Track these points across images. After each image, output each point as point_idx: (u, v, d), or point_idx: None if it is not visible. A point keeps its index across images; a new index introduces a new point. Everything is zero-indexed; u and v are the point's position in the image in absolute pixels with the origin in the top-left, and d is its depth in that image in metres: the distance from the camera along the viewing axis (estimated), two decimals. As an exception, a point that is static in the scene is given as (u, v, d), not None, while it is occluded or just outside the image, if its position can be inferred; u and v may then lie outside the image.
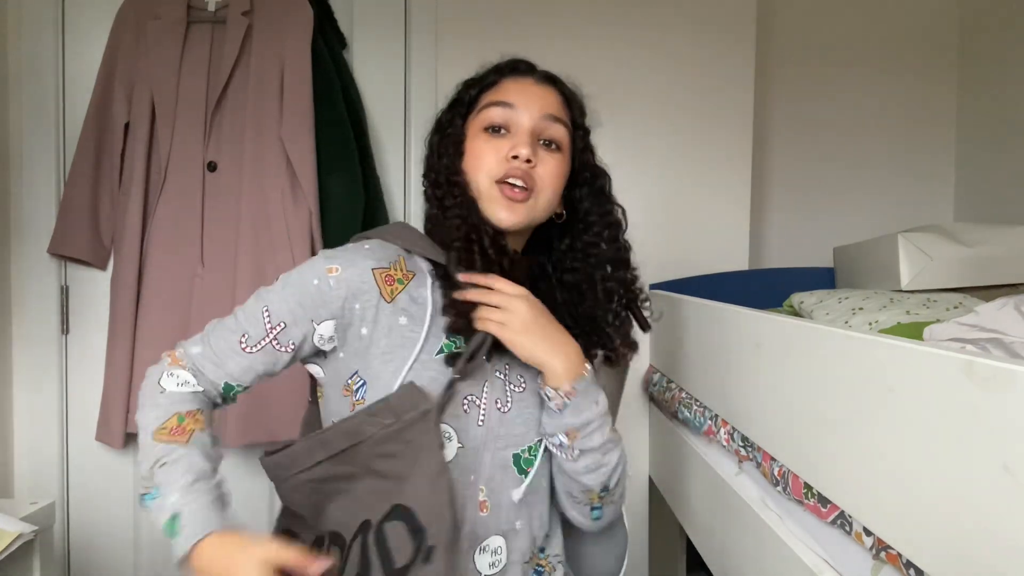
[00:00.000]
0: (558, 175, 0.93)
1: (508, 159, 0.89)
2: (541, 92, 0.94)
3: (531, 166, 0.90)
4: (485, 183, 0.90)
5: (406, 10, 1.95)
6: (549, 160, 0.92)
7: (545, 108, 0.92)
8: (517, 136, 0.91)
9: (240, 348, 0.89)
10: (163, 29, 1.77)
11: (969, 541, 0.54)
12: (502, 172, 0.90)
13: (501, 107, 0.91)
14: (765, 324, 0.98)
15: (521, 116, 0.91)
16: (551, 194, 0.93)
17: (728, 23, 2.01)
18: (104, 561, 1.91)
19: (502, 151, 0.90)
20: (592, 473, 0.90)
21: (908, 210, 2.33)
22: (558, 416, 0.88)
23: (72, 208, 1.78)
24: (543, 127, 0.92)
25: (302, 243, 1.75)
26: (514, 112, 0.91)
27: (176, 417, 0.84)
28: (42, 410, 1.86)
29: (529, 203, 0.91)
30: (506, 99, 0.92)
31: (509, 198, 0.90)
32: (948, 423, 0.56)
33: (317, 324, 0.88)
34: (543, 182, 0.91)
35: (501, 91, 0.94)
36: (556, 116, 0.93)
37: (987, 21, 2.22)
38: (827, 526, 0.81)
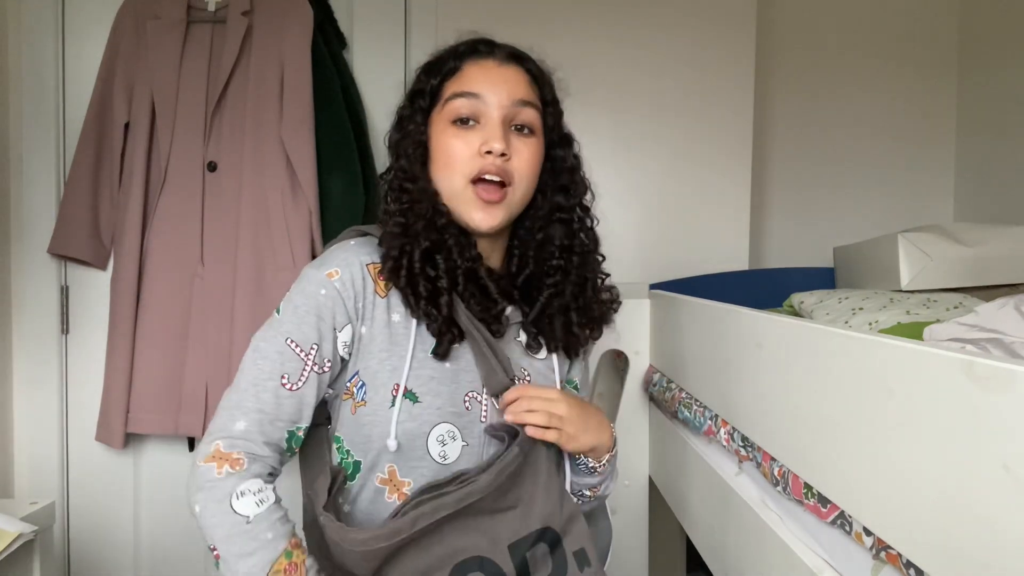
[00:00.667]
0: (534, 162, 0.88)
1: (481, 154, 0.84)
2: (507, 74, 0.87)
3: (506, 159, 0.85)
4: (459, 184, 0.86)
5: (406, 10, 1.95)
6: (523, 148, 0.87)
7: (514, 93, 0.86)
8: (488, 127, 0.85)
9: (286, 390, 0.82)
10: (163, 29, 1.77)
11: (969, 541, 0.54)
12: (476, 169, 0.85)
13: (467, 98, 0.85)
14: (765, 324, 0.98)
15: (489, 105, 0.85)
16: (528, 184, 0.89)
17: (728, 23, 2.01)
18: (104, 561, 1.91)
19: (473, 145, 0.84)
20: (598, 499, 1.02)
21: (908, 210, 2.33)
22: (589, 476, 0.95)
23: (72, 208, 1.78)
24: (514, 113, 0.86)
25: (302, 243, 1.75)
26: (481, 102, 0.85)
27: (284, 555, 0.76)
28: (42, 410, 1.86)
29: (506, 201, 0.86)
30: (471, 88, 0.85)
31: (485, 200, 0.85)
32: (948, 423, 0.56)
33: (339, 332, 0.85)
34: (520, 174, 0.87)
35: (464, 79, 0.87)
36: (526, 100, 0.87)
37: (987, 21, 2.22)
38: (827, 526, 0.81)
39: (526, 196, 0.90)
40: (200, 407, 1.73)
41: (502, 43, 0.91)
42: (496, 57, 0.88)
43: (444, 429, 0.85)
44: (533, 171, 0.88)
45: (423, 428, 0.84)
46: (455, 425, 0.85)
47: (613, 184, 2.00)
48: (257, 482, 0.78)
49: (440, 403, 0.85)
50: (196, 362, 1.74)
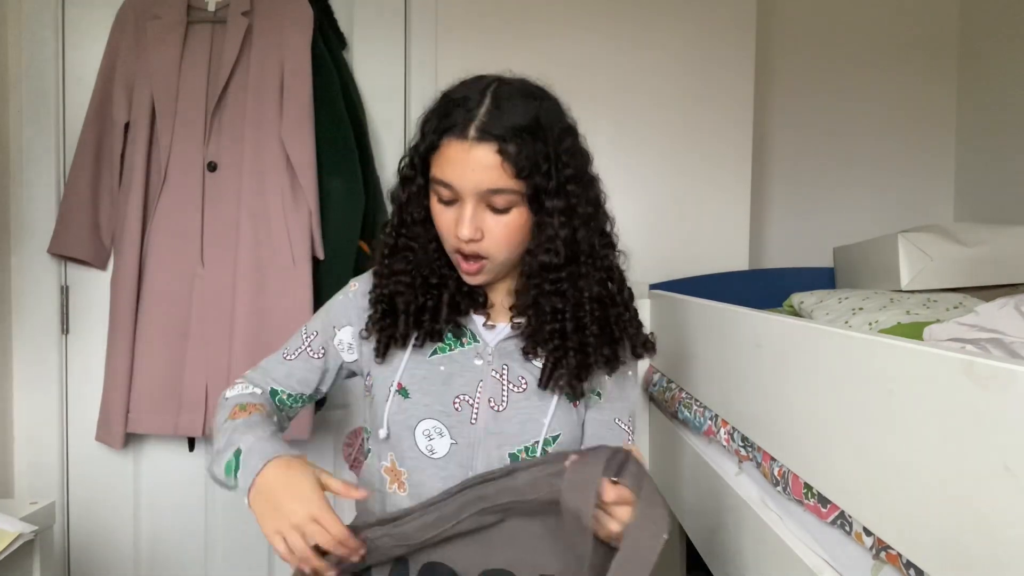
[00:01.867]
0: (509, 236, 0.90)
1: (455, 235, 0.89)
2: (476, 161, 0.85)
3: (478, 242, 0.89)
4: (448, 249, 0.93)
5: (406, 10, 1.95)
6: (496, 226, 0.89)
7: (482, 184, 0.86)
8: (462, 210, 0.88)
9: (282, 358, 1.02)
10: (163, 29, 1.77)
11: (969, 541, 0.54)
12: (454, 246, 0.91)
13: (443, 186, 0.88)
14: (765, 324, 0.98)
15: (462, 192, 0.87)
16: (507, 253, 0.91)
17: (728, 23, 2.01)
18: (104, 561, 1.91)
19: (452, 223, 0.89)
20: None
21: (908, 210, 2.33)
22: None
23: (72, 208, 1.78)
24: (486, 199, 0.88)
25: (302, 243, 1.75)
26: (455, 189, 0.88)
27: (237, 407, 0.93)
28: (42, 410, 1.86)
29: (485, 269, 0.92)
30: (445, 178, 0.87)
31: (465, 271, 0.93)
32: (948, 423, 0.56)
33: (338, 330, 1.01)
34: (495, 248, 0.90)
35: (441, 162, 0.88)
36: (494, 189, 0.86)
37: (987, 21, 2.22)
38: (827, 526, 0.81)
39: (508, 259, 0.93)
40: (200, 407, 1.73)
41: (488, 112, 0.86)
42: (468, 137, 0.85)
43: (430, 424, 0.93)
44: (509, 242, 0.90)
45: (410, 421, 0.94)
46: (442, 423, 0.93)
47: (613, 184, 1.99)
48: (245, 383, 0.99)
49: (428, 401, 0.94)
50: (196, 362, 1.74)
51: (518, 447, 0.93)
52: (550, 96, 0.94)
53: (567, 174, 0.90)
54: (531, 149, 0.86)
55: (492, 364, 0.95)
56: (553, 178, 0.88)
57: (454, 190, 0.88)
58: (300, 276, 1.75)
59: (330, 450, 1.95)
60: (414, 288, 0.94)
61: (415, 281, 0.94)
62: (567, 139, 0.91)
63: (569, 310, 0.92)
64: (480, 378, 0.94)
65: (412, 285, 0.94)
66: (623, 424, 1.01)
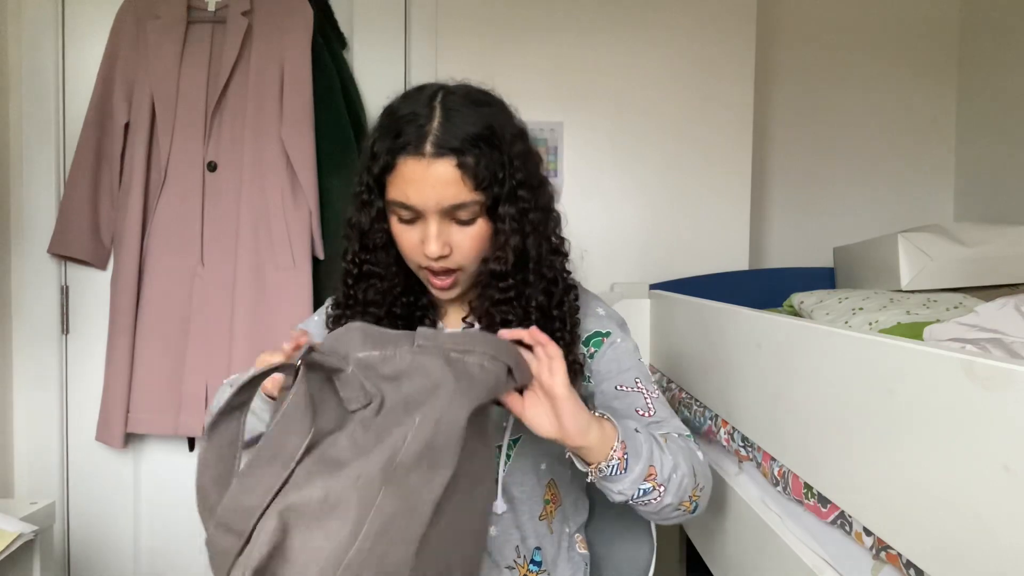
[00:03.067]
0: (477, 245, 0.89)
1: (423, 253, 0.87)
2: (435, 177, 0.83)
3: (446, 257, 0.87)
4: (413, 267, 0.92)
5: (406, 10, 1.95)
6: (463, 238, 0.87)
7: (444, 200, 0.84)
8: (426, 228, 0.86)
9: None
10: (163, 29, 1.77)
11: (969, 541, 0.54)
12: (421, 263, 0.89)
13: (403, 208, 0.86)
14: (765, 324, 0.98)
15: (426, 210, 0.85)
16: (478, 261, 0.90)
17: (729, 22, 2.01)
18: (104, 561, 1.91)
19: (416, 241, 0.88)
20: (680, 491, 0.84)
21: (908, 210, 2.33)
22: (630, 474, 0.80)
23: (72, 208, 1.78)
24: (449, 214, 0.86)
25: (302, 243, 1.75)
26: (417, 209, 0.86)
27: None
28: (42, 410, 1.86)
29: (458, 280, 0.91)
30: (404, 199, 0.85)
31: (437, 287, 0.91)
32: (948, 423, 0.56)
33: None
34: (465, 259, 0.89)
35: (398, 182, 0.85)
36: (457, 204, 0.85)
37: (987, 21, 2.22)
38: (827, 526, 0.81)
39: (480, 268, 0.92)
40: (200, 407, 1.73)
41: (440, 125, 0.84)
42: (425, 153, 0.83)
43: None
44: (478, 252, 0.89)
45: None
46: None
47: (613, 184, 2.01)
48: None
49: None
50: (196, 362, 1.74)
51: None
52: (497, 100, 0.92)
53: (518, 178, 0.88)
54: (488, 158, 0.85)
55: None
56: (507, 184, 0.87)
57: (415, 210, 0.86)
58: (300, 276, 1.75)
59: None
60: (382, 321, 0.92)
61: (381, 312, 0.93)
62: (518, 143, 0.89)
63: (515, 320, 0.90)
64: None
65: (380, 318, 0.93)
66: (627, 388, 0.94)
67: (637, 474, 0.80)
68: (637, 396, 0.94)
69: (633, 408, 0.93)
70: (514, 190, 0.88)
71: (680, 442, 0.88)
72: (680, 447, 0.87)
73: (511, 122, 0.91)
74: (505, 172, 0.87)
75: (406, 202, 0.85)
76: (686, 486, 0.84)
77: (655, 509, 0.83)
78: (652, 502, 0.82)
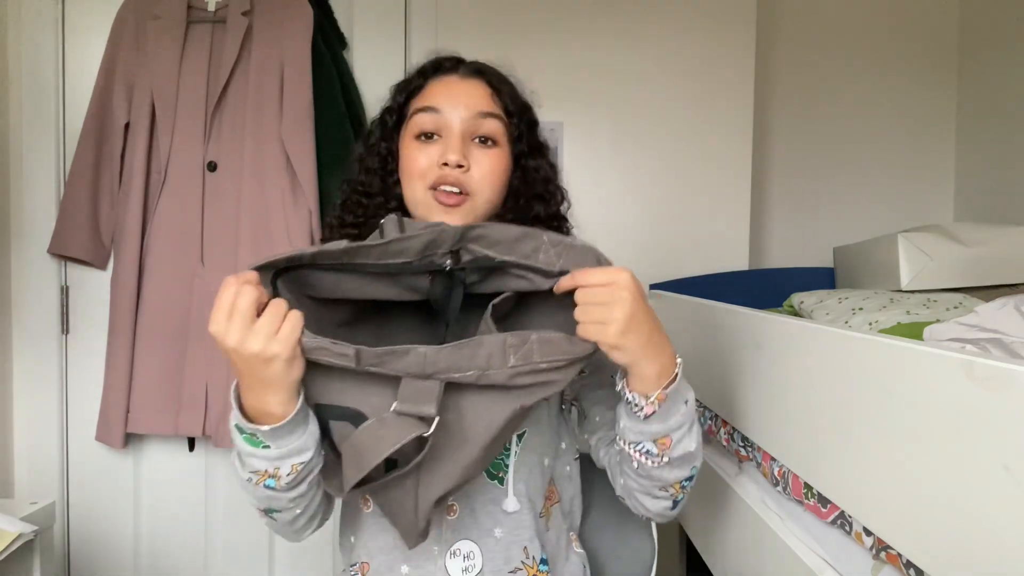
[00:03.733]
0: (495, 172, 0.89)
1: (440, 165, 0.87)
2: (468, 88, 0.89)
3: (464, 170, 0.87)
4: (420, 191, 0.89)
5: (406, 10, 1.95)
6: (484, 159, 0.88)
7: (473, 106, 0.88)
8: (448, 140, 0.87)
9: None
10: (163, 29, 1.77)
11: (969, 541, 0.54)
12: (434, 178, 0.87)
13: (428, 112, 0.87)
14: (765, 324, 0.98)
15: (450, 118, 0.87)
16: (490, 193, 0.90)
17: (728, 23, 2.01)
18: (104, 561, 1.91)
19: (433, 157, 0.87)
20: (680, 469, 0.80)
21: (908, 210, 2.33)
22: (644, 423, 0.76)
23: (72, 208, 1.78)
24: (475, 126, 0.88)
25: (302, 243, 1.75)
26: (442, 116, 0.87)
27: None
28: (42, 410, 1.86)
29: (466, 206, 0.88)
30: (432, 103, 0.88)
31: (445, 204, 0.88)
32: (948, 423, 0.56)
33: None
34: (480, 184, 0.88)
35: (427, 95, 0.90)
36: (486, 111, 0.88)
37: (987, 21, 2.22)
38: (827, 526, 0.81)
39: (491, 203, 0.91)
40: (200, 407, 1.73)
41: (469, 60, 0.93)
42: (459, 72, 0.90)
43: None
44: (495, 180, 0.89)
45: None
46: None
47: (613, 184, 2.01)
48: None
49: None
50: (196, 362, 1.74)
51: None
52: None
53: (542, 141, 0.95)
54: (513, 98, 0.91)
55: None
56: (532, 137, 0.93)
57: (441, 116, 0.87)
58: (300, 276, 1.75)
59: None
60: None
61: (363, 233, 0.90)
62: (533, 113, 0.95)
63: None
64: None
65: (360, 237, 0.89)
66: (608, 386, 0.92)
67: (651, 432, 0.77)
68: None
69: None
70: (539, 148, 0.94)
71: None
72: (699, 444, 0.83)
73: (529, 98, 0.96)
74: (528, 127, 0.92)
75: (435, 106, 0.87)
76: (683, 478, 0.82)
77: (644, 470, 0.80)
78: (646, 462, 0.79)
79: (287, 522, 0.83)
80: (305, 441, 0.74)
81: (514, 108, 0.91)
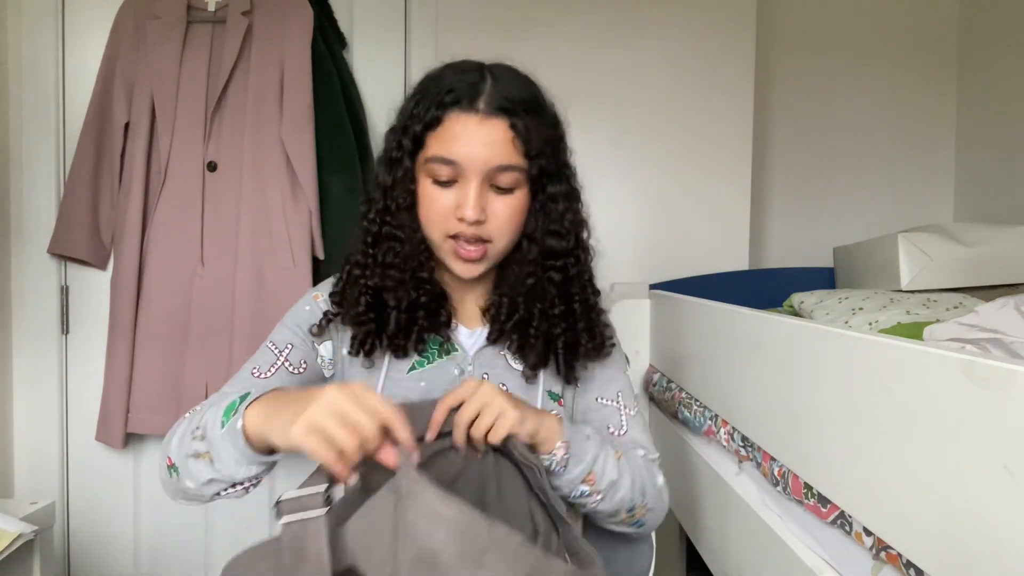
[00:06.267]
0: (514, 218, 0.86)
1: (457, 218, 0.84)
2: (487, 134, 0.81)
3: (481, 225, 0.84)
4: (438, 237, 0.87)
5: (406, 10, 1.95)
6: (502, 207, 0.84)
7: (491, 160, 0.82)
8: (465, 190, 0.82)
9: (255, 377, 0.88)
10: (163, 29, 1.77)
11: (969, 541, 0.54)
12: (452, 230, 0.85)
13: (445, 164, 0.82)
14: (765, 324, 0.98)
15: (467, 169, 0.82)
16: (510, 237, 0.87)
17: (728, 23, 2.01)
18: (104, 561, 1.91)
19: (450, 204, 0.83)
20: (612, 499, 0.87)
21: (908, 210, 2.33)
22: (568, 473, 0.83)
23: (72, 208, 1.78)
24: (492, 177, 0.83)
25: (302, 243, 1.75)
26: (459, 167, 0.82)
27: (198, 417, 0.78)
28: (42, 410, 1.86)
29: (486, 256, 0.87)
30: (448, 154, 0.82)
31: (464, 258, 0.86)
32: (948, 423, 0.56)
33: (318, 345, 0.92)
34: (498, 231, 0.85)
35: (444, 137, 0.82)
36: (505, 165, 0.82)
37: (987, 21, 2.22)
38: (827, 526, 0.81)
39: (509, 245, 0.89)
40: (200, 407, 1.73)
41: (493, 86, 0.83)
42: (479, 111, 0.81)
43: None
44: (513, 225, 0.87)
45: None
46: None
47: (613, 184, 2.01)
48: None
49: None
50: (196, 362, 1.74)
51: None
52: (538, 82, 0.91)
53: (564, 159, 0.89)
54: (537, 128, 0.84)
55: (473, 374, 0.92)
56: (554, 161, 0.87)
57: (458, 167, 0.82)
58: (300, 276, 1.75)
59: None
60: (405, 283, 0.87)
61: (405, 276, 0.87)
62: (559, 125, 0.90)
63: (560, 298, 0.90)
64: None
65: (403, 281, 0.87)
66: (606, 401, 0.97)
67: (576, 476, 0.83)
68: (613, 412, 0.97)
69: (606, 424, 0.96)
70: (562, 169, 0.88)
71: (640, 462, 0.92)
72: (637, 466, 0.90)
73: (552, 103, 0.91)
74: (553, 148, 0.87)
75: (450, 157, 0.82)
76: (627, 501, 0.88)
77: (590, 511, 0.88)
78: (588, 504, 0.86)
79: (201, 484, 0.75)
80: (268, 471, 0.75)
81: (537, 145, 0.84)
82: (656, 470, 0.95)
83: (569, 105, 0.96)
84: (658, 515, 0.94)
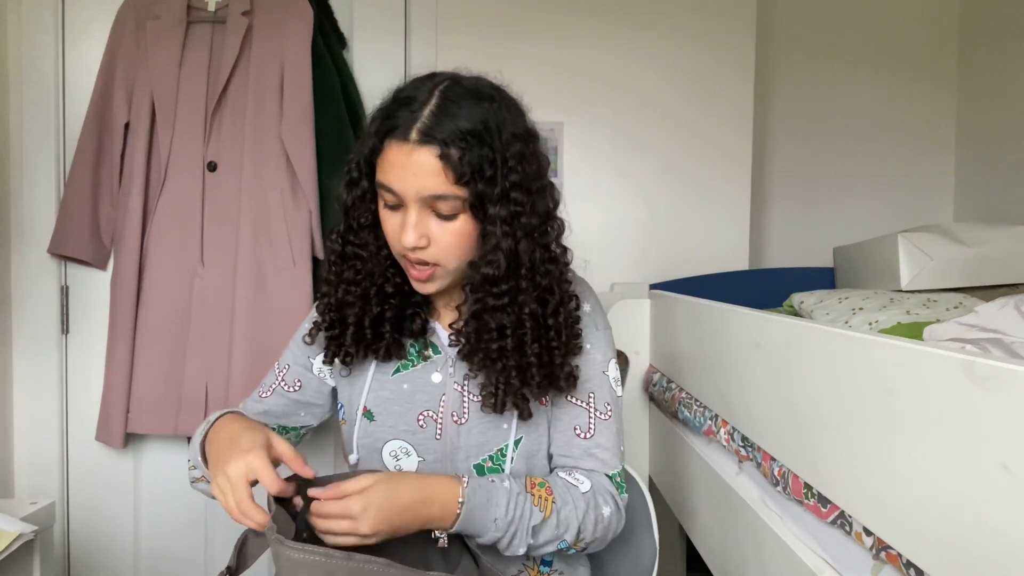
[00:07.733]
0: (457, 243, 0.85)
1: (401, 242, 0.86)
2: (418, 163, 0.81)
3: (423, 249, 0.85)
4: (396, 254, 0.89)
5: (406, 10, 1.95)
6: (442, 233, 0.84)
7: (423, 189, 0.82)
8: (406, 216, 0.84)
9: (258, 396, 1.02)
10: (163, 29, 1.77)
11: (969, 541, 0.54)
12: (401, 251, 0.87)
13: (387, 191, 0.84)
14: (765, 324, 0.98)
15: (404, 198, 0.83)
16: (457, 261, 0.87)
17: (728, 23, 2.01)
18: (104, 561, 1.91)
19: (396, 228, 0.86)
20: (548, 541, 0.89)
21: (908, 210, 2.33)
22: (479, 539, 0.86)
23: (72, 208, 1.78)
24: (430, 204, 0.83)
25: (302, 243, 1.75)
26: (399, 195, 0.84)
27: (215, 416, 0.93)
28: (42, 410, 1.86)
29: (436, 276, 0.88)
30: (388, 183, 0.84)
31: (416, 278, 0.88)
32: (948, 423, 0.56)
33: (312, 359, 1.01)
34: (444, 255, 0.86)
35: (384, 166, 0.84)
36: (436, 195, 0.82)
37: (987, 21, 2.22)
38: (827, 526, 0.81)
39: (461, 266, 0.88)
40: (200, 407, 1.73)
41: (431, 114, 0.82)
42: (410, 140, 0.81)
43: (396, 445, 0.94)
44: (459, 250, 0.86)
45: (377, 444, 0.94)
46: (408, 442, 0.94)
47: (613, 184, 2.01)
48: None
49: (393, 421, 0.94)
50: (196, 362, 1.74)
51: (481, 456, 0.93)
52: (505, 98, 0.88)
53: (512, 180, 0.84)
54: (475, 154, 0.81)
55: (454, 376, 0.94)
56: (498, 184, 0.83)
57: (397, 195, 0.83)
58: (300, 276, 1.75)
59: (330, 449, 1.95)
60: (367, 299, 0.91)
61: (368, 292, 0.91)
62: (516, 144, 0.85)
63: (510, 327, 0.87)
64: (443, 392, 0.94)
65: (364, 296, 0.91)
66: (577, 401, 0.95)
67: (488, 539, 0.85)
68: (583, 413, 0.95)
69: (573, 426, 0.95)
70: (507, 192, 0.84)
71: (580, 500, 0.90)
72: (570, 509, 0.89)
73: (516, 121, 0.87)
74: (497, 171, 0.83)
75: (389, 185, 0.84)
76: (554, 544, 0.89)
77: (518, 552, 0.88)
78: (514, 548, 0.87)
79: None
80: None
81: (470, 173, 0.81)
82: (603, 498, 0.92)
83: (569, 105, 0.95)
84: (601, 543, 0.95)
